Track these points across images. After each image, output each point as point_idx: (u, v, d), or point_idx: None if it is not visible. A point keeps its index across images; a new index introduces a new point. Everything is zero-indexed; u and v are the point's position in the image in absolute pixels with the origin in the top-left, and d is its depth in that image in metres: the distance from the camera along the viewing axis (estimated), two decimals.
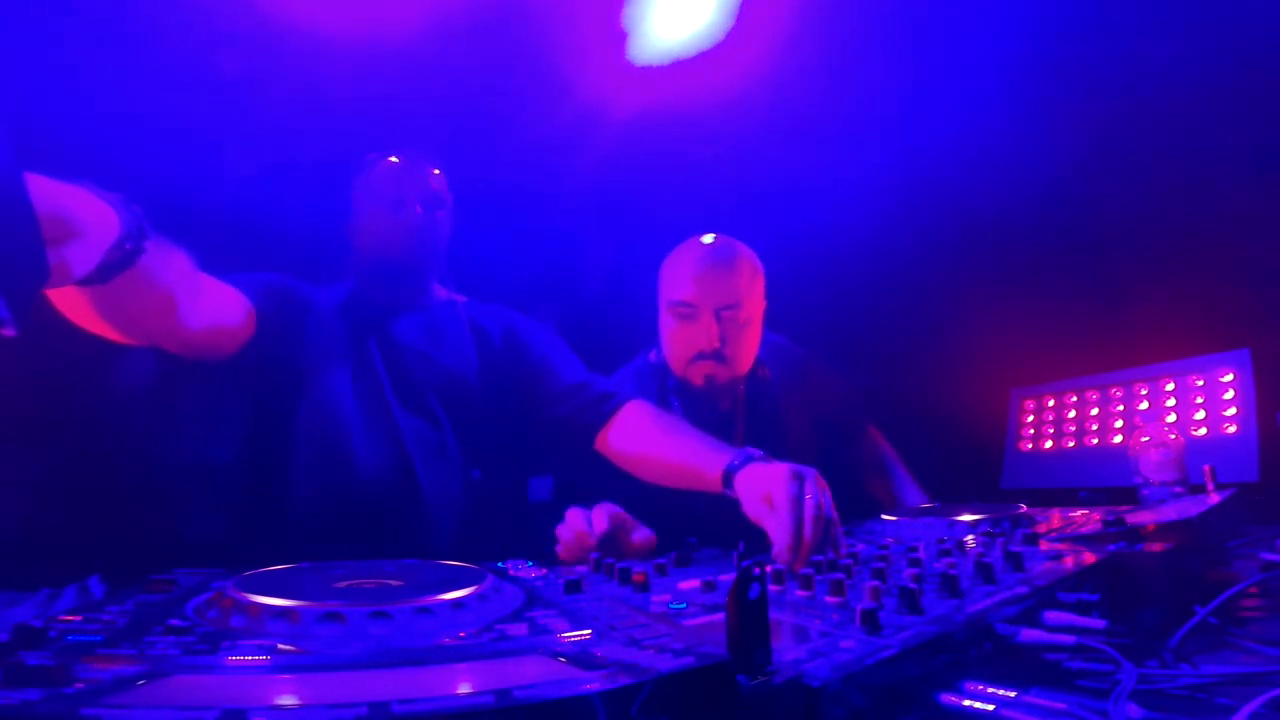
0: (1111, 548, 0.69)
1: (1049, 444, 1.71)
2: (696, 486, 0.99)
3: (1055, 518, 1.02)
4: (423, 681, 0.35)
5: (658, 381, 1.41)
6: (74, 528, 1.10)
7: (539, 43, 1.65)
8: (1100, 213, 1.71)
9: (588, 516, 0.93)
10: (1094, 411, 1.66)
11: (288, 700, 0.32)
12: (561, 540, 0.93)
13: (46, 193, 0.55)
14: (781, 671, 0.37)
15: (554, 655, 0.39)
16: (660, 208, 1.82)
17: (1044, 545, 0.76)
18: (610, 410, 1.16)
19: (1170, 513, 0.80)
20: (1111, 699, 0.41)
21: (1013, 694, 0.40)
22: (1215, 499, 0.91)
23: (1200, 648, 0.57)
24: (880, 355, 1.85)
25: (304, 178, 1.38)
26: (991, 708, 0.40)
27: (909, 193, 1.79)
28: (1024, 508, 1.06)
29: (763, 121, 1.85)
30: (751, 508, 0.85)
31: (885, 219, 1.82)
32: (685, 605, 0.54)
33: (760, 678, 0.36)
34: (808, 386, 1.50)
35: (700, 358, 1.32)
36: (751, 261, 1.36)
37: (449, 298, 1.30)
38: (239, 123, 1.43)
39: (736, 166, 1.92)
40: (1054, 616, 0.53)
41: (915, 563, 0.65)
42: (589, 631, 0.44)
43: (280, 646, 0.41)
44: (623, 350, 1.53)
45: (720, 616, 0.50)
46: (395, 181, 1.18)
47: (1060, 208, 1.74)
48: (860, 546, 0.85)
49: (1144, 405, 1.55)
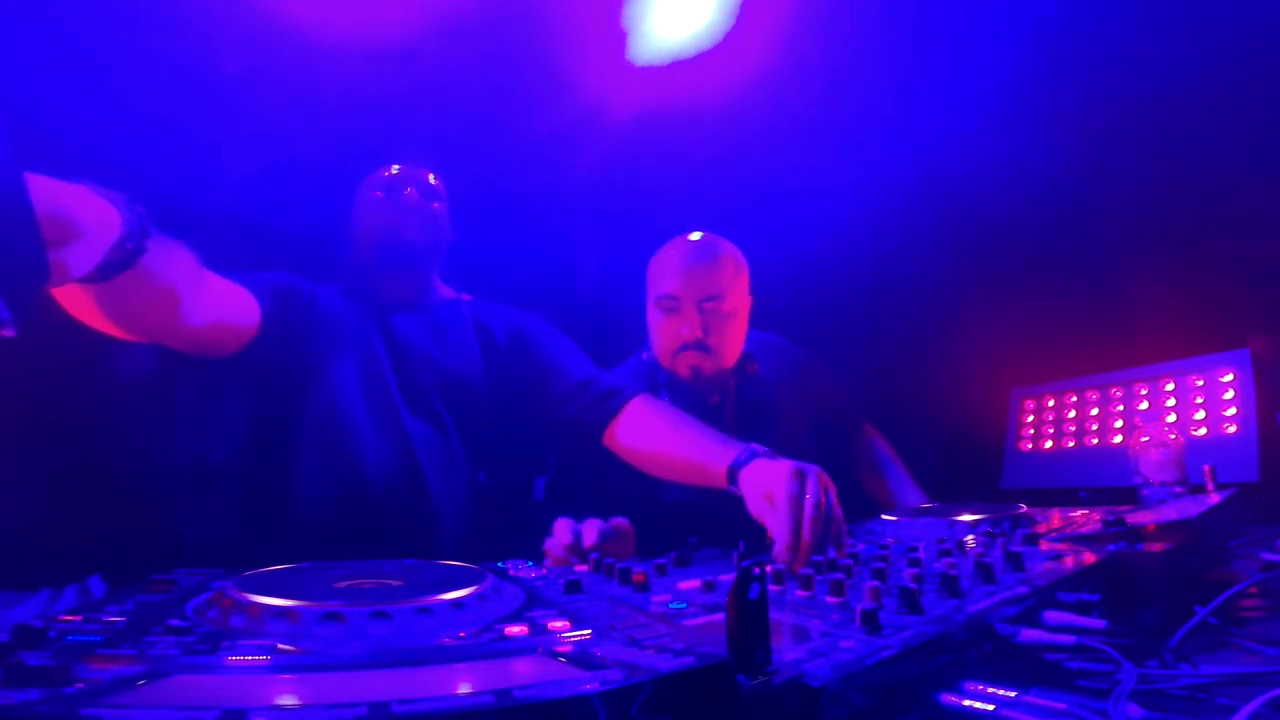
0: (1111, 548, 0.69)
1: (1049, 444, 1.71)
2: (702, 482, 0.99)
3: (1055, 518, 1.02)
4: (423, 681, 0.35)
5: (649, 378, 1.42)
6: (74, 528, 1.09)
7: (539, 43, 1.65)
8: (1100, 212, 1.71)
9: (576, 530, 0.90)
10: (1094, 411, 1.66)
11: (288, 700, 0.32)
12: (550, 555, 0.91)
13: (47, 192, 0.55)
14: (781, 671, 0.37)
15: (554, 655, 0.39)
16: (660, 207, 1.82)
17: (1044, 545, 0.76)
18: (617, 406, 1.16)
19: (1170, 513, 0.80)
20: (1111, 699, 0.41)
21: (1013, 694, 0.40)
22: (1215, 499, 0.91)
23: (1200, 648, 0.57)
24: (880, 355, 1.85)
25: (304, 178, 1.39)
26: (991, 708, 0.40)
27: (909, 192, 1.79)
28: (1024, 508, 1.06)
29: (762, 121, 1.85)
30: (754, 505, 0.85)
31: (885, 219, 1.82)
32: (685, 605, 0.54)
33: (760, 678, 0.36)
34: (804, 385, 1.50)
35: (685, 348, 1.34)
36: (735, 256, 1.39)
37: (454, 297, 1.30)
38: (239, 123, 1.43)
39: (736, 166, 1.92)
40: (1054, 616, 0.53)
41: (915, 563, 0.65)
42: (589, 631, 0.45)
43: (280, 646, 0.41)
44: (622, 349, 1.53)
45: (720, 616, 0.50)
46: (393, 178, 1.24)
47: (1060, 207, 1.74)
48: (860, 546, 0.85)
49: (1144, 405, 1.55)
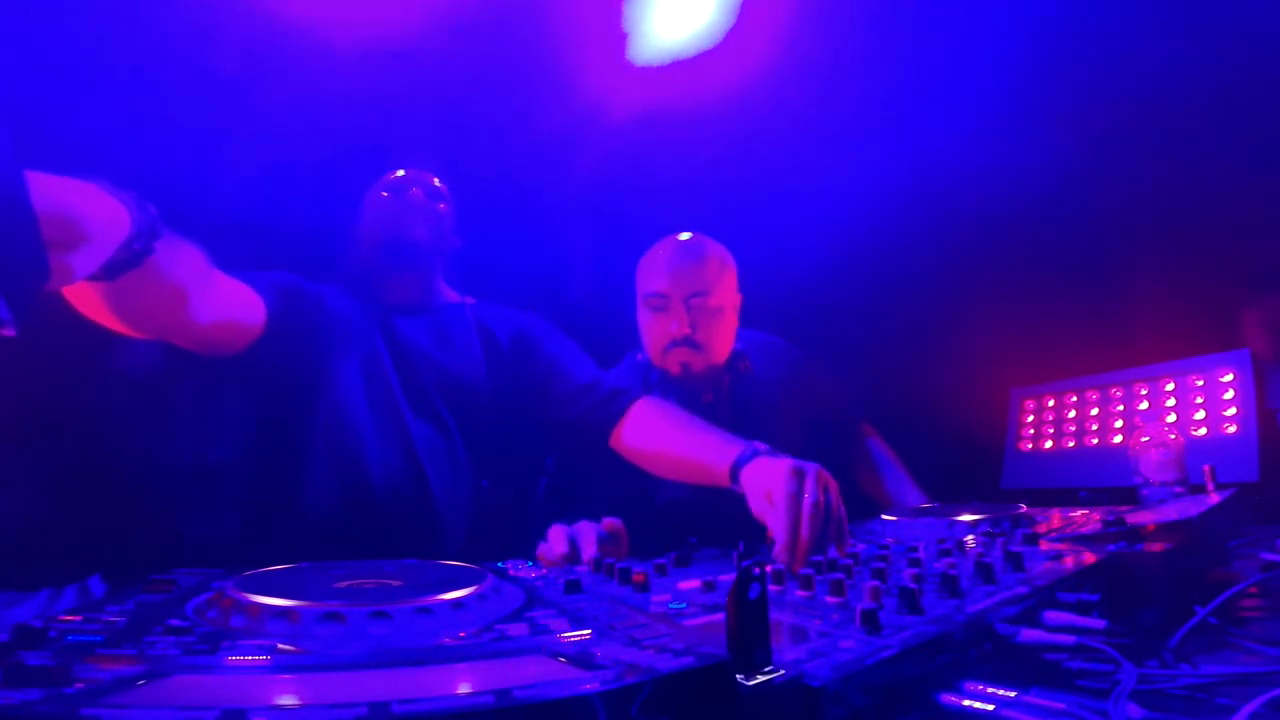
0: (1111, 548, 0.69)
1: (1049, 444, 1.71)
2: (707, 481, 0.99)
3: (1055, 518, 1.02)
4: (423, 681, 0.35)
5: (643, 378, 1.42)
6: (74, 528, 1.09)
7: (539, 43, 1.65)
8: (1100, 212, 1.71)
9: (571, 538, 0.89)
10: (1094, 411, 1.66)
11: (288, 700, 0.32)
12: (542, 560, 0.89)
13: (54, 191, 0.54)
14: (781, 671, 0.37)
15: (554, 655, 0.39)
16: (660, 208, 1.82)
17: (1044, 545, 0.76)
18: (622, 408, 1.16)
19: (1170, 513, 0.80)
20: (1111, 699, 0.41)
21: (1013, 694, 0.40)
22: (1215, 499, 0.91)
23: (1200, 648, 0.57)
24: (880, 355, 1.85)
25: (304, 178, 1.39)
26: (991, 708, 0.40)
27: (909, 192, 1.79)
28: (1024, 508, 1.06)
29: (762, 121, 1.85)
30: (755, 504, 0.85)
31: (885, 218, 1.82)
32: (685, 605, 0.54)
33: (760, 678, 0.36)
34: (801, 384, 1.50)
35: (674, 345, 1.35)
36: (720, 254, 1.41)
37: (457, 300, 1.30)
38: (239, 123, 1.43)
39: (736, 166, 1.92)
40: (1054, 616, 0.53)
41: (915, 563, 0.65)
42: (589, 631, 0.44)
43: (280, 646, 0.41)
44: (621, 350, 1.53)
45: (720, 616, 0.50)
46: (399, 179, 1.25)
47: (1060, 207, 1.74)
48: (860, 546, 0.85)
49: (1144, 405, 1.55)
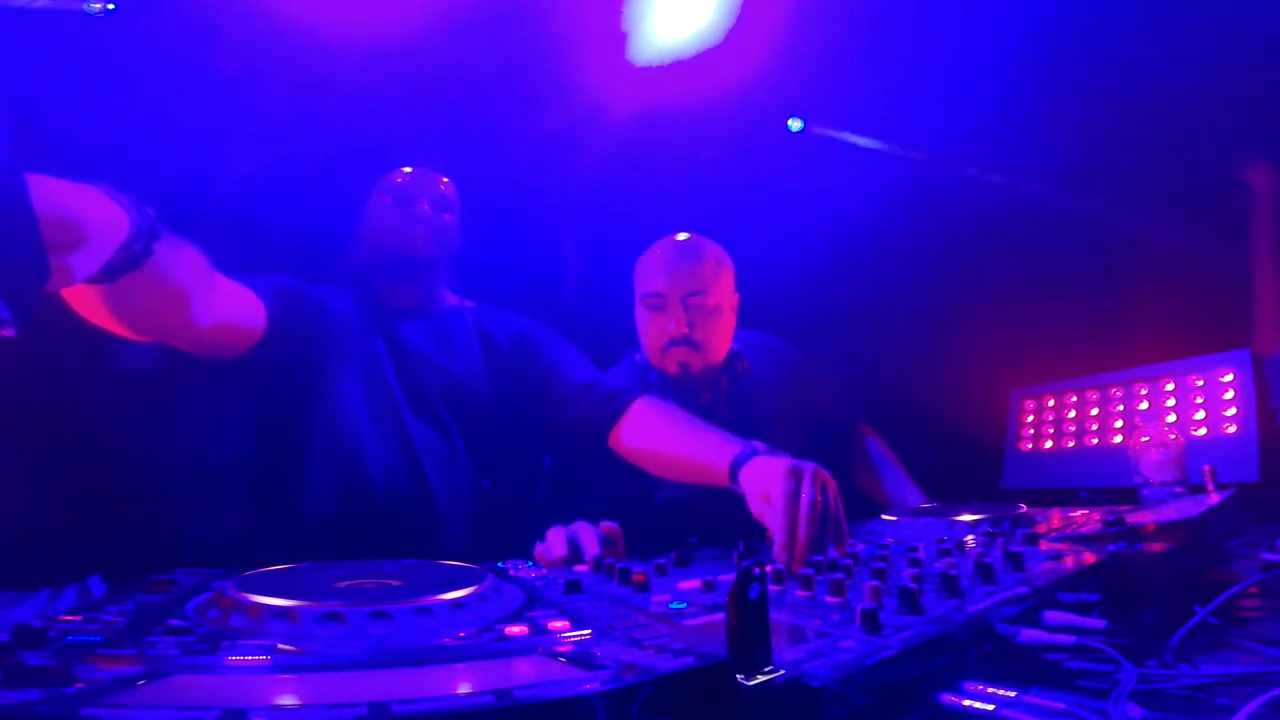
0: (1111, 548, 0.69)
1: (1049, 444, 1.71)
2: (707, 481, 0.99)
3: (1055, 518, 1.02)
4: (423, 681, 0.35)
5: (641, 379, 1.42)
6: (74, 528, 1.09)
7: (539, 43, 1.65)
8: (1100, 212, 1.71)
9: (571, 539, 0.89)
10: (1094, 411, 1.66)
11: (288, 700, 0.32)
12: (541, 562, 0.88)
13: (53, 194, 0.54)
14: (781, 671, 0.37)
15: (554, 655, 0.39)
16: (660, 208, 1.82)
17: (1044, 545, 0.76)
18: (620, 408, 1.16)
19: (1170, 513, 0.80)
20: (1111, 699, 0.41)
21: (1013, 694, 0.40)
22: (1215, 499, 0.91)
23: (1200, 648, 0.57)
24: (880, 355, 1.85)
25: (304, 178, 1.39)
26: (991, 708, 0.40)
27: (909, 193, 1.79)
28: (1024, 508, 1.06)
29: (762, 122, 1.85)
30: (753, 504, 0.85)
31: (885, 219, 1.82)
32: (685, 605, 0.54)
33: (760, 678, 0.36)
34: (799, 384, 1.50)
35: (672, 344, 1.35)
36: (718, 253, 1.41)
37: (457, 303, 1.30)
38: (239, 123, 1.43)
39: (736, 166, 1.92)
40: (1054, 616, 0.53)
41: (915, 563, 0.65)
42: (589, 631, 0.44)
43: (280, 646, 0.41)
44: (620, 350, 1.53)
45: (720, 616, 0.50)
46: (405, 182, 1.23)
47: (1060, 207, 1.75)
48: (860, 546, 0.85)
49: (1144, 405, 1.55)
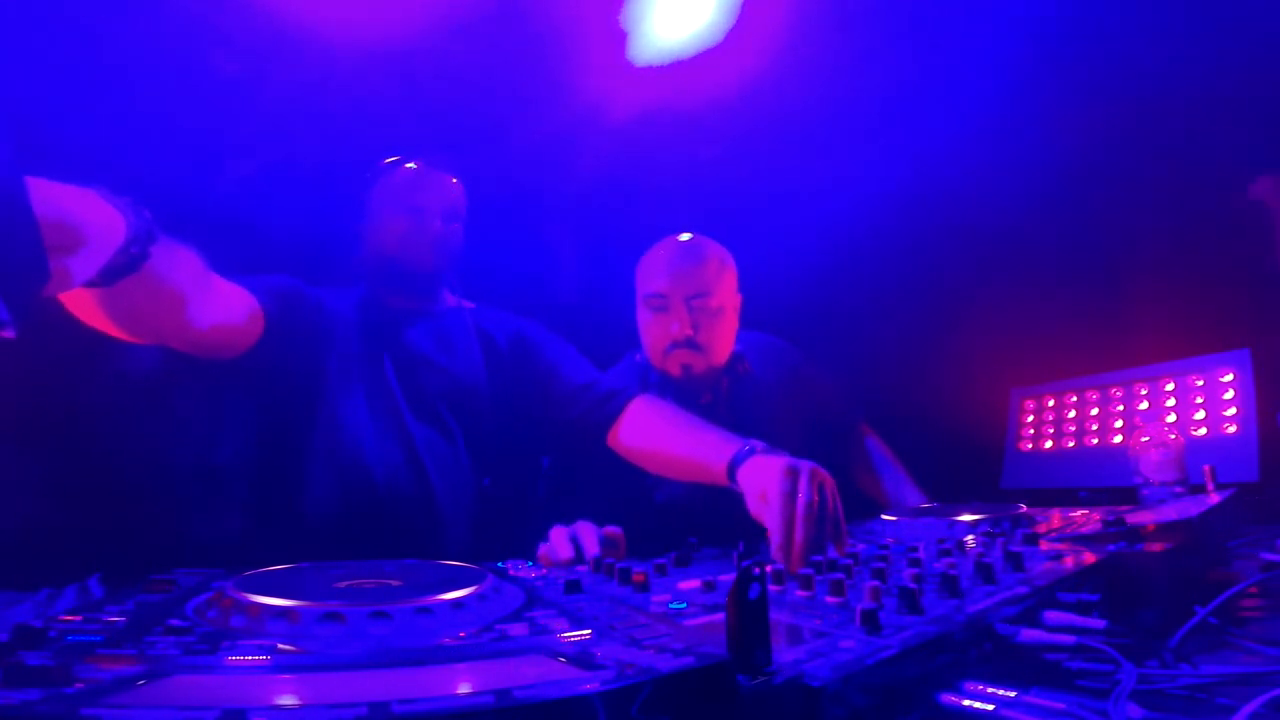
0: (1111, 548, 0.69)
1: (1049, 444, 1.71)
2: (705, 480, 0.99)
3: (1055, 518, 1.02)
4: (423, 681, 0.35)
5: (641, 379, 1.42)
6: (74, 528, 1.09)
7: (539, 43, 1.65)
8: (1100, 212, 1.71)
9: (573, 539, 0.88)
10: (1094, 411, 1.66)
11: (288, 700, 0.32)
12: (543, 562, 0.88)
13: (51, 197, 0.54)
14: (781, 671, 0.37)
15: (554, 655, 0.39)
16: (660, 208, 1.82)
17: (1044, 545, 0.76)
18: (619, 407, 1.16)
19: (1170, 513, 0.80)
20: (1111, 699, 0.41)
21: (1013, 694, 0.40)
22: (1215, 499, 0.91)
23: (1200, 648, 0.57)
24: (880, 355, 1.85)
25: (304, 178, 1.39)
26: (991, 708, 0.40)
27: (909, 193, 1.79)
28: (1024, 508, 1.06)
29: (762, 122, 1.85)
30: (751, 503, 0.85)
31: (885, 218, 1.82)
32: (685, 605, 0.54)
33: (760, 678, 0.36)
34: (799, 385, 1.50)
35: (675, 346, 1.34)
36: (720, 254, 1.40)
37: (457, 304, 1.30)
38: (239, 123, 1.43)
39: (736, 166, 1.92)
40: (1054, 616, 0.53)
41: (915, 563, 0.65)
42: (589, 631, 0.44)
43: (280, 646, 0.41)
44: (620, 350, 1.53)
45: (720, 616, 0.50)
46: (416, 189, 1.20)
47: (1060, 207, 1.74)
48: (860, 546, 0.85)
49: (1144, 405, 1.55)
